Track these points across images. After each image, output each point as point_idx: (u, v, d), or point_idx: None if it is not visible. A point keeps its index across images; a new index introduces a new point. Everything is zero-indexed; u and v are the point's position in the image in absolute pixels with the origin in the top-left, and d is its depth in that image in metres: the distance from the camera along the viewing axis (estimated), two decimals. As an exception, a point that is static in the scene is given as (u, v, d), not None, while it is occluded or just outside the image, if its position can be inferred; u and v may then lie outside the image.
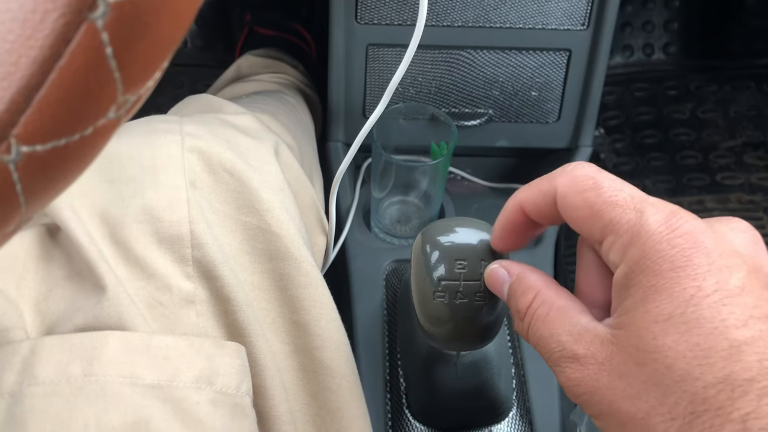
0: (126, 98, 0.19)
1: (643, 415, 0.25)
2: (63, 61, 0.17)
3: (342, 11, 0.66)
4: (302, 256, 0.43)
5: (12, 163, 0.18)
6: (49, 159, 0.18)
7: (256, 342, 0.39)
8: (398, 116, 0.66)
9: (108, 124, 0.19)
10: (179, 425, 0.34)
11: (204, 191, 0.42)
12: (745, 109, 0.98)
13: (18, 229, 0.20)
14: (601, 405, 0.26)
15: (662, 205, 0.28)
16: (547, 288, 0.31)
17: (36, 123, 0.17)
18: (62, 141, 0.18)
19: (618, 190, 0.29)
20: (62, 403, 0.33)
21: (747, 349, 0.24)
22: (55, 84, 0.17)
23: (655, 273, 0.26)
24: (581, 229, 0.30)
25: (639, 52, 1.05)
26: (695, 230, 0.26)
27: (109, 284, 0.36)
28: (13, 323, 0.36)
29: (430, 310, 0.37)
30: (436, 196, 0.68)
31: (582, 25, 0.68)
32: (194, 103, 0.55)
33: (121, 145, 0.41)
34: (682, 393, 0.24)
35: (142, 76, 0.19)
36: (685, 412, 0.24)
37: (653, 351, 0.25)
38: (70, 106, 0.18)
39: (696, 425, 0.24)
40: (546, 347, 0.29)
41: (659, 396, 0.25)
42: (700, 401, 0.24)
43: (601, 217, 0.28)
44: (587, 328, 0.28)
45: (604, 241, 0.28)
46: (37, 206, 0.20)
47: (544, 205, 0.31)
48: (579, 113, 0.73)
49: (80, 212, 0.38)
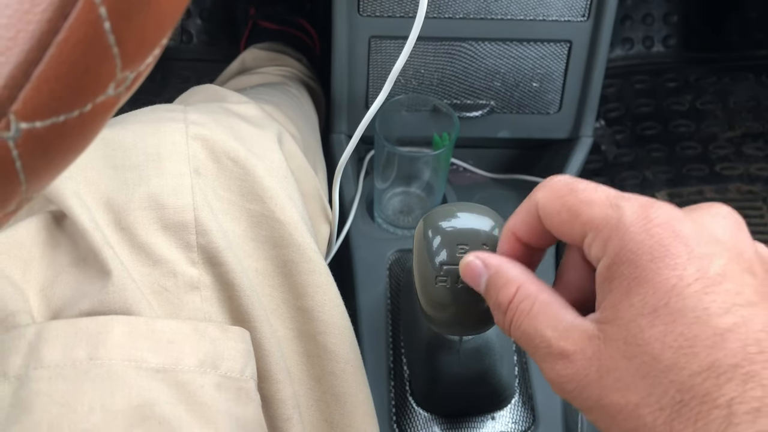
0: (125, 75, 0.18)
1: (632, 407, 0.25)
2: (61, 35, 0.17)
3: (345, 3, 0.66)
4: (306, 243, 0.43)
5: (11, 139, 0.17)
6: (48, 136, 0.18)
7: (261, 327, 0.39)
8: (401, 108, 0.65)
9: (107, 102, 0.19)
10: (184, 408, 0.33)
11: (208, 179, 0.42)
12: (743, 101, 0.98)
13: (19, 208, 0.20)
14: (591, 399, 0.26)
15: (637, 198, 0.28)
16: (529, 282, 0.30)
17: (35, 99, 0.17)
18: (61, 117, 0.18)
19: (593, 190, 0.29)
20: (68, 386, 0.32)
21: (730, 336, 0.24)
22: (53, 59, 0.17)
23: (635, 264, 0.26)
24: (563, 233, 0.30)
25: (639, 44, 1.04)
26: (672, 219, 0.26)
27: (114, 270, 0.36)
28: (19, 308, 0.35)
29: (432, 295, 0.36)
30: (438, 187, 0.68)
31: (582, 16, 0.68)
32: (199, 93, 0.55)
33: (125, 133, 0.41)
34: (669, 383, 0.24)
35: (141, 52, 0.18)
36: (673, 401, 0.24)
37: (640, 344, 0.25)
38: (68, 82, 0.17)
39: (683, 413, 0.24)
40: (530, 343, 0.29)
41: (647, 387, 0.25)
42: (687, 389, 0.24)
43: (580, 216, 0.28)
44: (573, 324, 0.28)
45: (585, 238, 0.28)
46: (38, 185, 0.19)
47: (532, 224, 0.31)
48: (580, 104, 0.72)
49: (86, 199, 0.38)
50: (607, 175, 0.94)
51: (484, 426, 0.56)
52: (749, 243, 0.28)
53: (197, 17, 1.01)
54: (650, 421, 0.25)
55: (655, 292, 0.25)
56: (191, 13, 1.01)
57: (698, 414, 0.24)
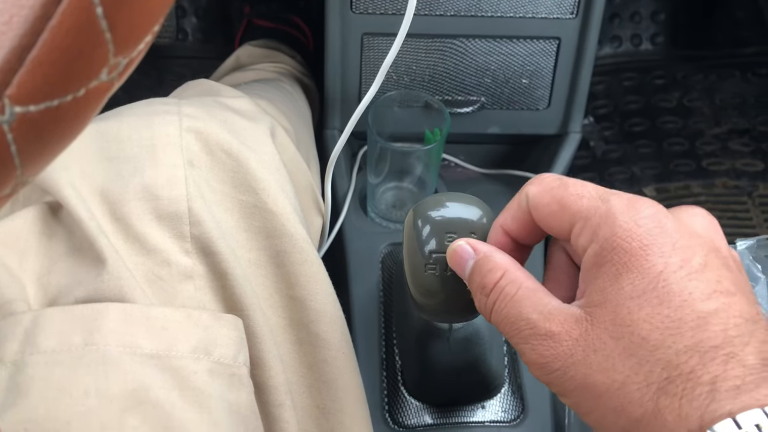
0: (118, 60, 0.19)
1: (618, 385, 0.26)
2: (54, 20, 0.17)
3: (338, 1, 0.66)
4: (298, 234, 0.43)
5: (6, 123, 0.18)
6: (42, 120, 0.18)
7: (253, 315, 0.39)
8: (393, 104, 0.66)
9: (101, 86, 0.19)
10: (177, 393, 0.34)
11: (202, 170, 0.42)
12: (729, 97, 0.98)
13: (14, 192, 0.20)
14: (575, 380, 0.27)
15: (625, 194, 0.29)
16: (515, 269, 0.31)
17: (29, 83, 0.17)
18: (55, 102, 0.18)
19: (582, 186, 0.30)
20: (63, 371, 0.33)
21: (712, 320, 0.25)
22: (47, 44, 0.17)
23: (625, 250, 0.27)
24: (552, 225, 0.30)
25: (627, 42, 1.05)
26: (658, 213, 0.28)
27: (109, 258, 0.36)
28: (15, 296, 0.36)
29: (422, 283, 0.37)
30: (430, 182, 0.68)
31: (571, 13, 0.68)
32: (193, 88, 0.55)
33: (120, 125, 0.41)
34: (656, 361, 0.25)
35: (134, 38, 0.18)
36: (660, 378, 0.25)
37: (629, 324, 0.26)
38: (62, 67, 0.17)
39: (669, 389, 0.25)
40: (512, 326, 0.29)
41: (634, 365, 0.26)
42: (673, 367, 0.25)
43: (569, 207, 0.29)
44: (558, 308, 0.28)
45: (574, 228, 0.29)
46: (33, 169, 0.20)
47: (521, 219, 0.32)
48: (568, 100, 0.73)
49: (81, 190, 0.38)
50: (596, 171, 0.94)
51: (474, 415, 0.57)
52: (724, 241, 0.29)
53: (193, 15, 1.01)
54: (637, 397, 0.25)
55: (644, 277, 0.26)
56: (187, 11, 1.01)
57: (684, 390, 0.24)
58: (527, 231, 0.32)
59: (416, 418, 0.57)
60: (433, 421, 0.56)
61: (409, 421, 0.57)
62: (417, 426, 0.56)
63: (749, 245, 0.64)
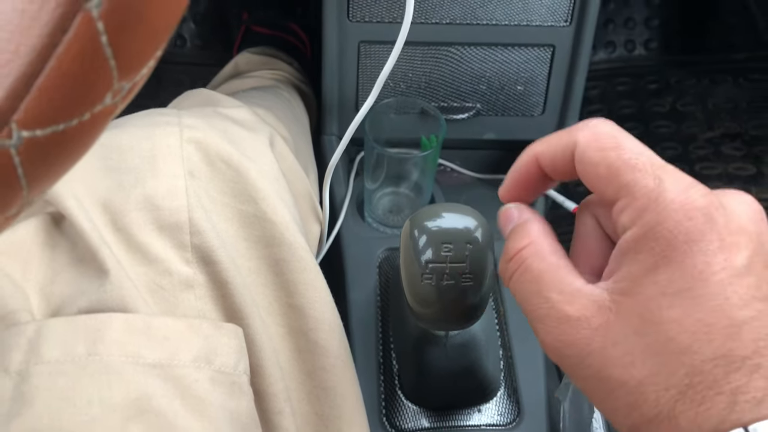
0: (121, 85, 0.19)
1: (636, 383, 0.25)
2: (61, 48, 0.17)
3: (335, 9, 0.66)
4: (297, 242, 0.44)
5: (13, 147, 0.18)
6: (48, 144, 0.18)
7: (253, 324, 0.40)
8: (390, 110, 0.66)
9: (105, 110, 0.19)
10: (180, 402, 0.34)
11: (202, 181, 0.42)
12: (722, 102, 0.99)
13: (20, 213, 0.21)
14: (590, 369, 0.26)
15: (681, 176, 0.27)
16: (545, 240, 0.29)
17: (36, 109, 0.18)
18: (61, 126, 0.18)
19: (639, 153, 0.27)
20: (67, 380, 0.33)
21: (745, 328, 0.24)
22: (53, 71, 0.17)
23: (668, 242, 0.25)
24: (596, 187, 0.28)
25: (621, 47, 1.05)
26: (710, 205, 0.25)
27: (112, 269, 0.36)
28: (19, 306, 0.36)
29: (419, 292, 0.37)
30: (426, 187, 0.69)
31: (565, 21, 0.68)
32: (192, 97, 0.55)
33: (121, 137, 0.42)
34: (680, 365, 0.24)
35: (137, 64, 0.19)
36: (681, 383, 0.24)
37: (658, 322, 0.25)
38: (68, 93, 0.18)
39: (689, 395, 0.24)
40: (529, 301, 0.28)
41: (657, 366, 0.24)
42: (697, 373, 0.24)
43: (618, 177, 0.27)
44: (581, 291, 0.26)
45: (618, 202, 0.27)
46: (38, 190, 0.20)
47: (561, 159, 0.29)
48: (563, 106, 0.73)
49: (83, 201, 0.39)
50: (591, 175, 0.94)
51: (470, 418, 0.57)
52: None
53: (191, 22, 1.01)
54: (653, 398, 0.24)
55: (683, 274, 0.25)
56: (185, 17, 1.01)
57: (703, 398, 0.23)
58: (562, 170, 0.30)
59: (413, 422, 0.57)
60: (430, 424, 0.57)
61: (406, 425, 0.57)
62: (414, 430, 0.57)
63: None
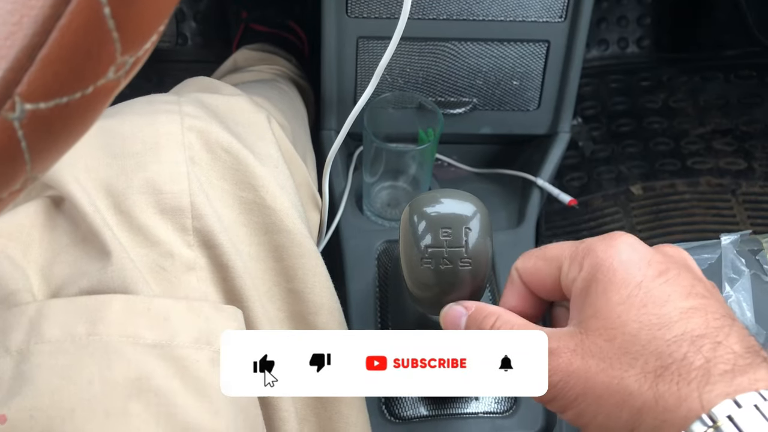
0: (125, 59, 0.19)
1: (618, 380, 0.27)
2: (63, 20, 0.17)
3: (333, 5, 0.66)
4: (296, 229, 0.43)
5: (17, 120, 0.18)
6: (52, 117, 0.18)
7: (253, 306, 0.39)
8: (388, 105, 0.66)
9: (108, 85, 0.19)
10: (179, 381, 0.34)
11: (203, 167, 0.42)
12: (713, 98, 0.99)
13: (24, 188, 0.20)
14: (577, 386, 0.29)
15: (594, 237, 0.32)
16: (506, 312, 0.33)
17: (39, 81, 0.17)
18: (64, 99, 0.18)
19: (558, 243, 0.34)
20: (68, 359, 0.33)
21: (694, 314, 0.28)
22: (56, 43, 0.17)
23: (608, 268, 0.30)
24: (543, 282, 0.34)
25: (614, 45, 1.05)
26: (631, 239, 0.31)
27: (114, 250, 0.36)
28: (20, 286, 0.36)
29: (418, 276, 0.37)
30: (424, 181, 0.69)
31: (560, 17, 0.68)
32: (193, 84, 0.55)
33: (124, 123, 0.41)
34: (649, 353, 0.27)
35: (140, 37, 0.19)
36: (655, 366, 0.27)
37: (620, 326, 0.28)
38: (71, 65, 0.18)
39: (666, 375, 0.27)
40: None
41: (630, 360, 0.28)
42: (666, 355, 0.27)
43: (553, 258, 0.33)
44: (553, 331, 0.31)
45: (562, 269, 0.32)
46: (41, 165, 0.20)
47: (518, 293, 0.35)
48: (558, 101, 0.73)
49: (85, 185, 0.38)
50: (584, 170, 0.95)
51: (468, 406, 0.57)
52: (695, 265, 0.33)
53: (192, 20, 1.01)
54: (636, 388, 0.27)
55: (627, 286, 0.29)
56: (186, 15, 1.01)
57: (679, 374, 0.26)
58: (528, 303, 0.35)
59: (412, 410, 0.57)
60: (428, 412, 0.57)
61: (405, 413, 0.57)
62: (413, 417, 0.56)
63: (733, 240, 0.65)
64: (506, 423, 0.56)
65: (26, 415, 0.31)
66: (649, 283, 0.29)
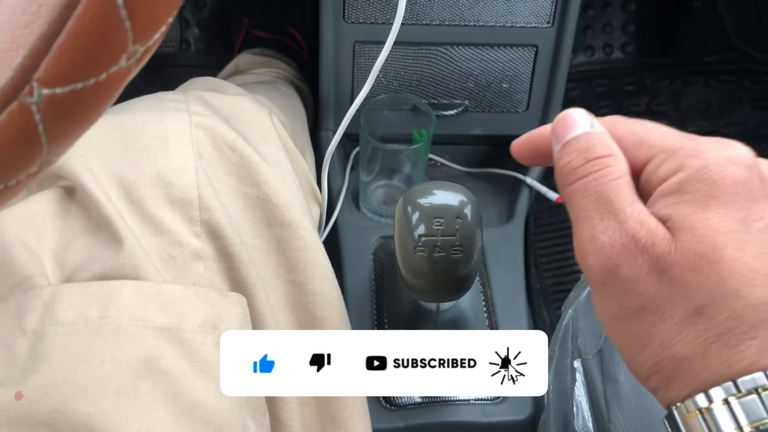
0: (136, 48, 0.19)
1: (677, 320, 0.24)
2: (79, 9, 0.17)
3: (331, 11, 0.67)
4: (298, 222, 0.44)
5: (34, 104, 0.18)
6: (67, 102, 0.19)
7: (257, 294, 0.40)
8: (383, 107, 0.66)
9: (120, 72, 0.19)
10: (186, 363, 0.34)
11: (210, 162, 0.42)
12: (694, 102, 1.00)
13: (40, 171, 0.21)
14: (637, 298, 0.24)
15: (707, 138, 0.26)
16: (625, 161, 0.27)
17: (56, 67, 0.18)
18: (79, 85, 0.18)
19: (662, 125, 0.27)
20: (81, 341, 0.33)
21: None
22: (72, 30, 0.18)
23: (716, 184, 0.24)
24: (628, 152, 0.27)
25: (600, 51, 1.06)
26: (749, 157, 0.25)
27: (126, 238, 0.37)
28: (35, 271, 0.36)
29: (412, 264, 0.37)
30: (418, 180, 0.69)
31: (547, 22, 0.69)
32: (199, 83, 0.56)
33: (135, 119, 0.42)
34: (725, 308, 0.23)
35: (151, 27, 0.19)
36: (721, 326, 0.23)
37: (712, 261, 0.23)
38: (86, 52, 0.18)
39: (725, 339, 0.23)
40: (597, 206, 0.26)
41: (704, 307, 0.23)
42: (738, 317, 0.23)
43: (648, 141, 0.26)
44: (650, 217, 0.25)
45: (652, 160, 0.26)
46: (57, 148, 0.20)
47: None
48: (545, 103, 0.74)
49: (98, 176, 0.39)
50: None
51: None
52: None
53: (195, 26, 1.01)
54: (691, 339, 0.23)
55: (730, 216, 0.24)
56: (190, 22, 1.01)
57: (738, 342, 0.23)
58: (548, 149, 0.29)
59: (406, 397, 0.57)
60: (422, 399, 0.57)
61: (400, 400, 0.57)
62: (407, 404, 0.57)
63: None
64: (496, 409, 0.57)
65: (41, 393, 0.32)
66: (752, 223, 0.24)
